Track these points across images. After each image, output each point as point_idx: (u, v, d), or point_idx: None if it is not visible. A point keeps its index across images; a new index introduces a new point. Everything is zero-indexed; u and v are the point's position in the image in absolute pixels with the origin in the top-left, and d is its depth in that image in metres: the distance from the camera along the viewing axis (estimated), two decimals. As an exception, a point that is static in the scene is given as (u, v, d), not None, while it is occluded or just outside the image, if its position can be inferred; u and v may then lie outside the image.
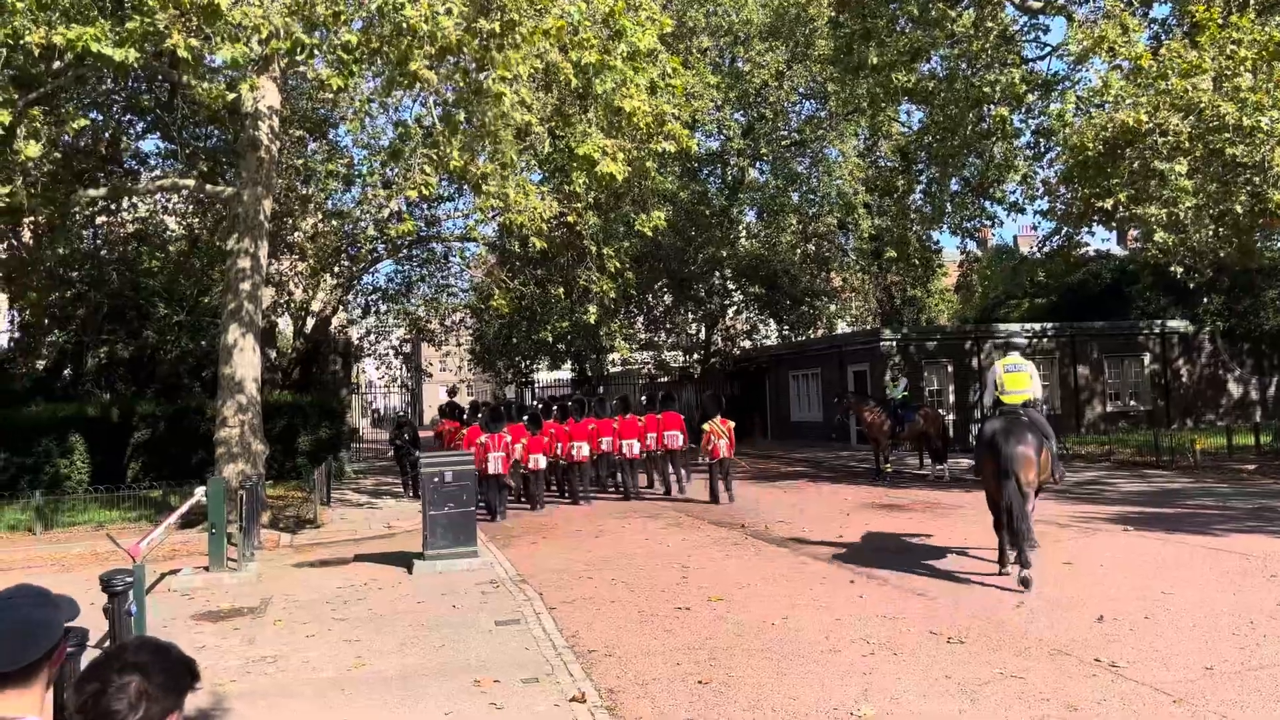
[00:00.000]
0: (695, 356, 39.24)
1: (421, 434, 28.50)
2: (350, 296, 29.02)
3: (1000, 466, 8.95)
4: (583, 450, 18.81)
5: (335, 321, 27.53)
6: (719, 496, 17.09)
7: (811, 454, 27.76)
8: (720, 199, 33.06)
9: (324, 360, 27.28)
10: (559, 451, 18.78)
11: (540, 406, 21.70)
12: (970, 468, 15.87)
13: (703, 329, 38.77)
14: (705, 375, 37.42)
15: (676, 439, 19.63)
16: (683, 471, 19.32)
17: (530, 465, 17.99)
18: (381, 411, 74.27)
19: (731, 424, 18.35)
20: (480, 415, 19.12)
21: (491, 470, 16.43)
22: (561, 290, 22.73)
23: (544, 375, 39.78)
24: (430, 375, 35.16)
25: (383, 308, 30.22)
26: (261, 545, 13.07)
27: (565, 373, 41.36)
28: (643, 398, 22.19)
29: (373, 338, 32.19)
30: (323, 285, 24.54)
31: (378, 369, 33.25)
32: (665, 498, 18.58)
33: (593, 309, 19.64)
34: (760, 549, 11.69)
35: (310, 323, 26.11)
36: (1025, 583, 8.72)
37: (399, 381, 34.80)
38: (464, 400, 40.73)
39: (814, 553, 11.25)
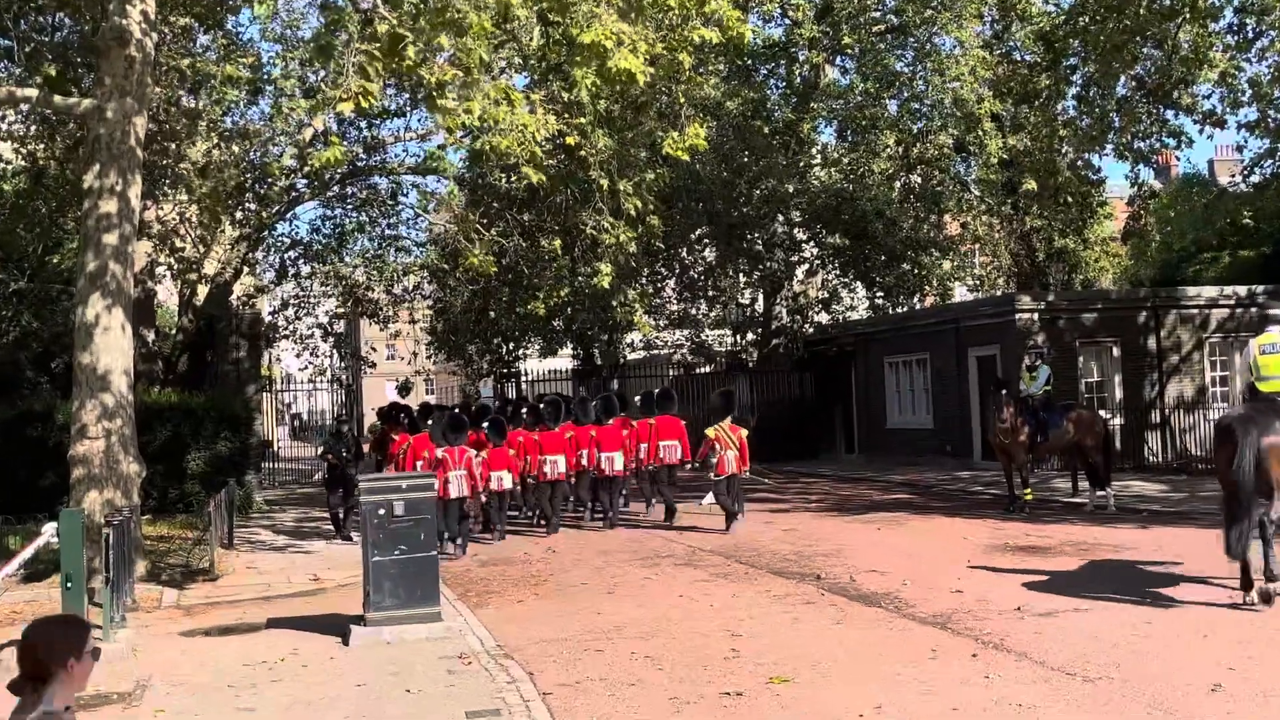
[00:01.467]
0: (750, 336, 39.34)
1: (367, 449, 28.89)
2: (259, 254, 29.28)
3: (1239, 462, 10.27)
4: (558, 466, 19.90)
5: (238, 290, 27.75)
6: (732, 521, 18.54)
7: (916, 474, 27.74)
8: (785, 110, 32.99)
9: (223, 345, 27.55)
10: (527, 467, 19.89)
11: (508, 409, 22.73)
12: (1181, 466, 16.03)
13: (760, 297, 38.82)
14: (766, 363, 37.48)
15: (674, 451, 20.47)
16: (668, 492, 20.47)
17: (492, 484, 18.96)
18: (305, 417, 74.77)
19: (744, 431, 19.27)
20: (432, 422, 20.05)
21: (453, 494, 17.28)
22: (559, 243, 22.76)
23: (534, 365, 39.93)
24: (373, 365, 35.38)
25: (305, 269, 30.49)
26: (137, 605, 13.22)
27: (564, 360, 41.54)
28: (636, 398, 23.25)
29: (291, 312, 32.49)
30: (220, 238, 24.72)
31: (299, 356, 33.53)
32: (664, 526, 19.81)
33: (604, 269, 19.64)
34: (842, 609, 11.70)
35: (203, 291, 26.30)
36: (1266, 598, 10.38)
37: (329, 374, 35.07)
38: (432, 402, 41.01)
39: (919, 614, 11.24)
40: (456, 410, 22.06)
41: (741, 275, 36.38)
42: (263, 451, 30.55)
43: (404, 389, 35.00)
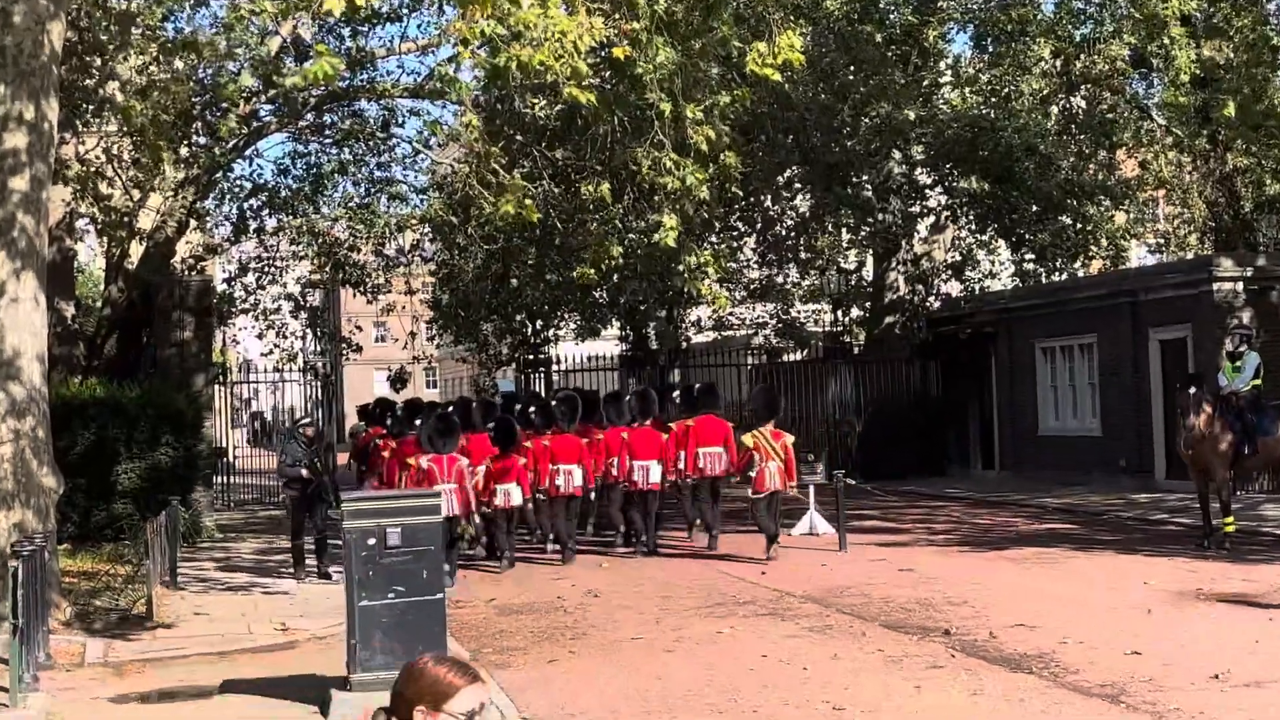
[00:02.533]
0: (855, 313, 39.15)
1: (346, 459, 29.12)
2: (211, 202, 29.47)
3: None
4: (573, 478, 20.87)
5: (183, 250, 27.93)
6: (771, 547, 19.52)
7: (1077, 496, 27.54)
8: (904, 11, 32.72)
9: (163, 322, 27.74)
10: (536, 479, 20.75)
11: (516, 408, 23.81)
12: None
13: (869, 260, 38.63)
14: (876, 348, 37.31)
15: (717, 460, 21.10)
16: (718, 511, 21.43)
17: (497, 500, 19.79)
18: (270, 417, 75.31)
19: (789, 438, 20.11)
20: (420, 424, 20.65)
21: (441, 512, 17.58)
22: (605, 188, 22.75)
23: (569, 350, 40.04)
24: (358, 350, 35.55)
25: (270, 223, 30.63)
26: (53, 661, 13.36)
27: (609, 344, 41.63)
28: (675, 394, 24.02)
29: (252, 280, 32.68)
30: (160, 182, 24.89)
31: (262, 337, 33.73)
32: (711, 555, 20.54)
33: (666, 221, 19.57)
34: (979, 676, 11.66)
35: (137, 252, 26.53)
36: None
37: (301, 361, 35.27)
38: (436, 398, 41.26)
39: (1083, 683, 11.19)
40: (448, 410, 22.47)
41: (845, 231, 36.23)
42: (215, 462, 30.74)
43: (398, 381, 35.19)
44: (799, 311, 39.51)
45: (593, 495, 22.05)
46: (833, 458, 29.69)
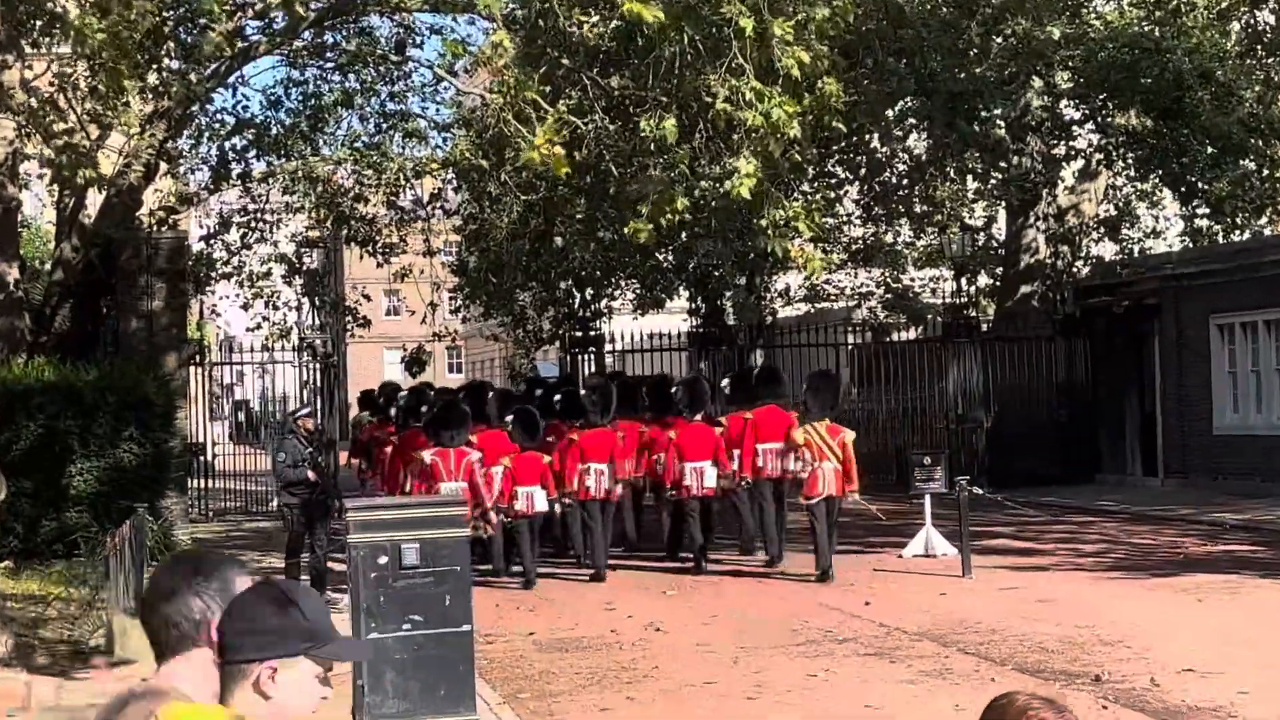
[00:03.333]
0: (983, 281, 38.85)
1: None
2: (186, 142, 29.61)
3: None
4: (604, 479, 21.42)
5: (152, 199, 28.14)
6: (826, 567, 20.06)
7: (1264, 509, 27.33)
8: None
9: (128, 289, 27.90)
10: (563, 480, 21.41)
11: (538, 395, 24.80)
12: None
13: (1000, 215, 38.36)
14: (1009, 324, 37.10)
15: (779, 459, 21.64)
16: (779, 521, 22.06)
17: (519, 506, 20.38)
18: (256, 406, 75.40)
19: (849, 435, 20.91)
20: (425, 413, 21.50)
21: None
22: (670, 124, 22.69)
23: (626, 325, 40.00)
24: (365, 324, 35.67)
25: (258, 167, 30.71)
26: (-8, 705, 13.47)
27: (674, 319, 41.59)
28: (724, 383, 24.62)
29: (236, 237, 32.75)
30: (124, 116, 25.03)
31: (247, 308, 33.90)
32: (769, 572, 21.15)
33: (745, 166, 19.52)
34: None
35: (96, 202, 26.72)
36: None
37: (296, 338, 35.37)
38: (464, 384, 41.35)
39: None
40: (460, 396, 22.77)
41: (971, 179, 36.04)
42: (190, 461, 30.99)
43: (415, 364, 35.28)
44: (912, 279, 39.37)
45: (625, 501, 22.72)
46: (954, 461, 29.54)
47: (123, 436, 23.21)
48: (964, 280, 38.53)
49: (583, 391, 23.36)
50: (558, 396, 23.89)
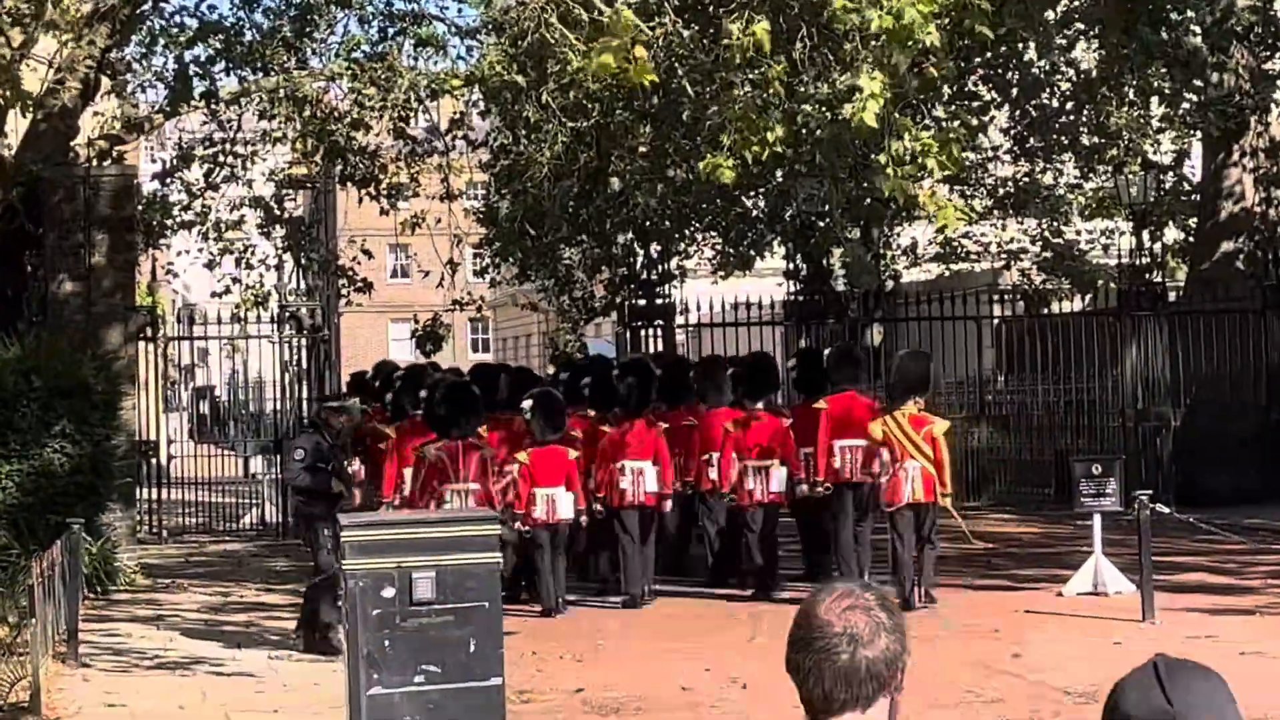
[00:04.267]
0: (1169, 236, 38.64)
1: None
2: (134, 50, 29.67)
3: None
4: (644, 480, 21.98)
5: (90, 126, 28.21)
6: (911, 597, 20.43)
7: None
8: None
9: (60, 242, 27.99)
10: (596, 485, 22.14)
11: (562, 380, 25.57)
12: None
13: (1196, 149, 38.11)
14: (1204, 292, 36.87)
15: (858, 458, 22.17)
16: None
17: (538, 514, 20.84)
18: (224, 393, 75.51)
19: (941, 425, 21.36)
20: (426, 403, 21.82)
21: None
22: (762, 29, 22.63)
23: (702, 290, 39.94)
24: (367, 289, 35.72)
25: (226, 82, 30.78)
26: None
27: (768, 282, 41.51)
28: (789, 365, 25.50)
29: (199, 175, 32.75)
30: (56, 16, 25.11)
31: (212, 267, 33.94)
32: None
33: (867, 83, 19.41)
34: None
35: (19, 129, 26.80)
36: None
37: (275, 305, 35.39)
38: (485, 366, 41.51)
39: None
40: (467, 384, 23.05)
41: (1156, 102, 35.85)
42: (139, 464, 31.07)
43: (429, 339, 35.33)
44: (1078, 232, 39.19)
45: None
46: (1132, 471, 29.37)
47: (52, 432, 23.28)
48: (1146, 235, 38.22)
49: (615, 373, 24.01)
50: (583, 381, 24.32)
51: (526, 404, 21.77)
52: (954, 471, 22.77)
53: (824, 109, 22.09)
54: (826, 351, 24.66)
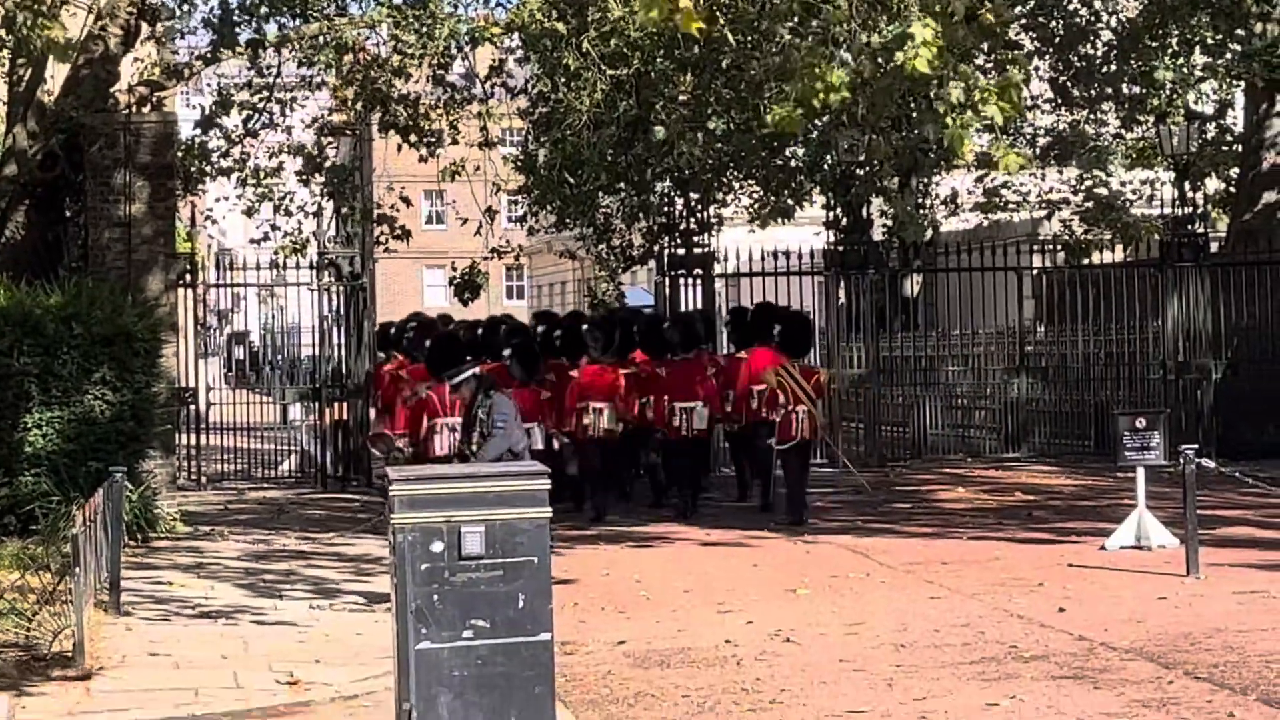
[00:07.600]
0: (1211, 185, 38.36)
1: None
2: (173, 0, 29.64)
3: None
4: (603, 417, 25.16)
5: (129, 73, 28.20)
6: (799, 522, 23.93)
7: None
8: None
9: (100, 189, 27.98)
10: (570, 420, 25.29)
11: (539, 332, 28.58)
12: None
13: (1239, 98, 37.88)
14: (1248, 244, 36.77)
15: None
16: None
17: None
18: (258, 340, 75.34)
19: (825, 372, 25.70)
20: (430, 347, 24.20)
21: (438, 453, 21.89)
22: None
23: (738, 238, 39.88)
24: (405, 236, 35.64)
25: (268, 28, 30.67)
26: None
27: (804, 230, 41.48)
28: (726, 318, 28.37)
29: (237, 123, 32.63)
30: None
31: (251, 214, 33.91)
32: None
33: (921, 29, 19.29)
34: None
35: (57, 77, 26.80)
36: None
37: (314, 253, 35.37)
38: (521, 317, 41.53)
39: None
40: (453, 330, 26.35)
41: (1199, 50, 35.67)
42: (178, 410, 31.10)
43: (467, 287, 35.31)
44: (1121, 183, 39.02)
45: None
46: (1175, 424, 29.31)
47: (93, 379, 23.29)
48: (1188, 185, 38.08)
49: (590, 325, 27.03)
50: (556, 332, 27.66)
51: (506, 353, 24.78)
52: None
53: (874, 59, 21.99)
54: (750, 310, 28.61)
